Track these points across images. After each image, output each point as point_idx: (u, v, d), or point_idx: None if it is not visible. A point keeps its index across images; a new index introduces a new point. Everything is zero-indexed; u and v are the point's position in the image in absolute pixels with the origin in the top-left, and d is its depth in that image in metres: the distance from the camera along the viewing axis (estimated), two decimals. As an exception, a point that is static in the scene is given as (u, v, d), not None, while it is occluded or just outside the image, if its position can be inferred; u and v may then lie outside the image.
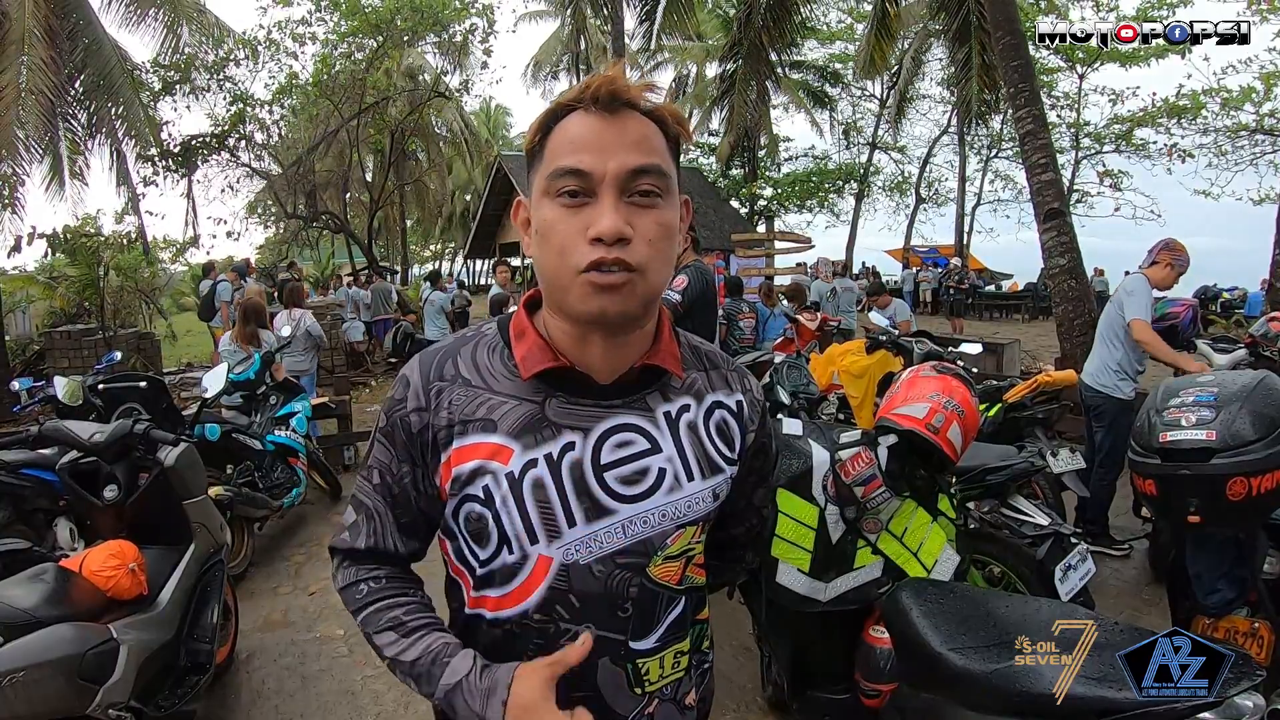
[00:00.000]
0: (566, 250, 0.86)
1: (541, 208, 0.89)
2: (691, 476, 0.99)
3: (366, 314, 13.53)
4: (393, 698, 3.10)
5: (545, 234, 0.88)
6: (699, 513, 1.00)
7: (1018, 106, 7.86)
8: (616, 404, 0.97)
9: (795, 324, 7.90)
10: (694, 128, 30.18)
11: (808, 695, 2.50)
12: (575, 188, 0.85)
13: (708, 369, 1.07)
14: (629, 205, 0.86)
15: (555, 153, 0.87)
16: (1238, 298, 18.49)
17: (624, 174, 0.85)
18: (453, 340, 1.03)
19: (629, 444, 0.96)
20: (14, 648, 1.94)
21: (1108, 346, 4.31)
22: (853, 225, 28.39)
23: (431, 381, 0.97)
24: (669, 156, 0.91)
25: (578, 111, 0.88)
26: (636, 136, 0.87)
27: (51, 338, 9.88)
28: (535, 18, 27.61)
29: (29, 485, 3.51)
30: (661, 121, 0.91)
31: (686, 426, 1.00)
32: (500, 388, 0.96)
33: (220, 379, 4.42)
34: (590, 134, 0.86)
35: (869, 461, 2.28)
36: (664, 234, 0.88)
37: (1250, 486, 2.04)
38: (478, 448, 0.94)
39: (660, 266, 0.89)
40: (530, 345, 0.97)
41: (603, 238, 0.83)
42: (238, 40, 13.66)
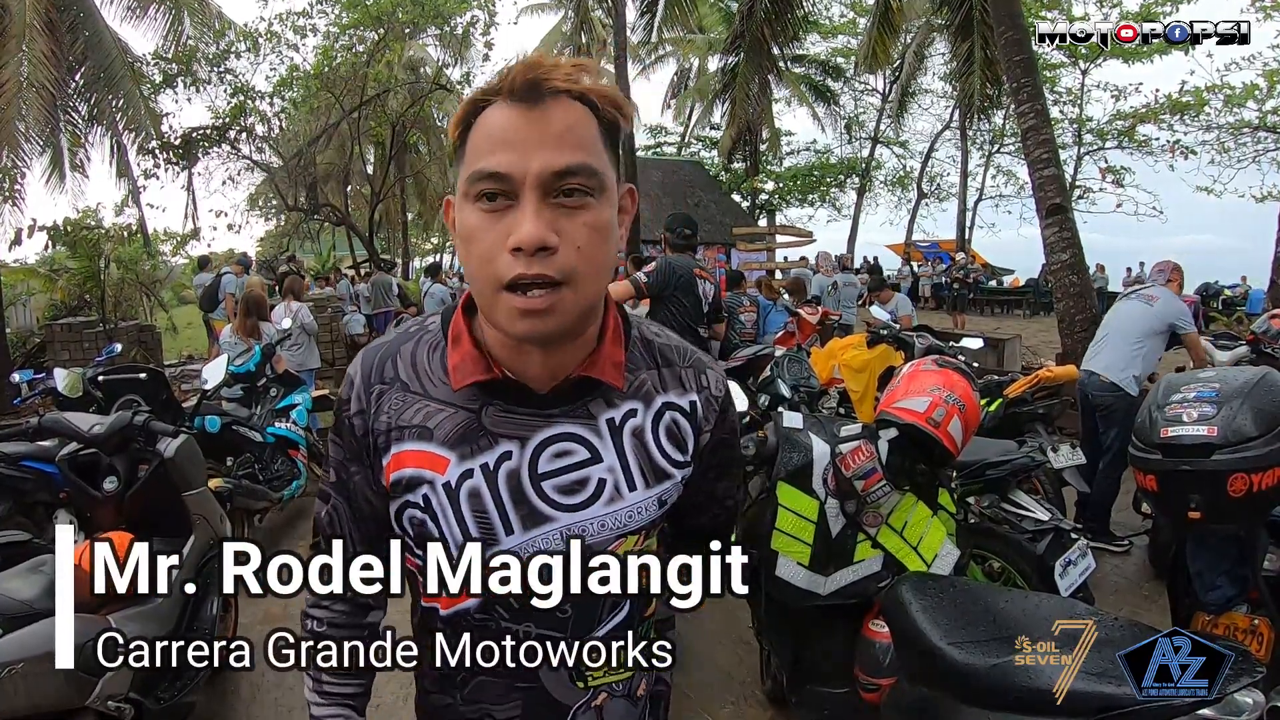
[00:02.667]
0: (487, 260, 0.80)
1: (463, 212, 0.83)
2: (634, 486, 0.95)
3: (367, 307, 13.52)
4: (390, 690, 3.10)
5: (467, 241, 0.82)
6: (641, 522, 0.97)
7: (1020, 101, 7.83)
8: (555, 413, 0.93)
9: (796, 318, 7.89)
10: (695, 121, 30.25)
11: (807, 689, 2.50)
12: (495, 190, 0.79)
13: (660, 367, 1.01)
14: (555, 207, 0.79)
15: (474, 152, 0.81)
16: (1239, 295, 18.48)
17: (547, 175, 0.78)
18: (397, 336, 1.00)
19: (568, 454, 0.93)
20: (13, 639, 1.95)
21: (1137, 347, 4.33)
22: (854, 220, 28.40)
23: (372, 384, 0.95)
24: (601, 147, 0.83)
25: (497, 104, 0.80)
26: (561, 130, 0.79)
27: (52, 330, 9.87)
28: (537, 10, 27.44)
29: (29, 477, 3.50)
30: (594, 106, 0.82)
31: (631, 434, 0.96)
32: (437, 394, 0.93)
33: (220, 371, 4.42)
34: (509, 130, 0.79)
35: (869, 455, 2.28)
36: (595, 238, 0.81)
37: (1251, 483, 2.04)
38: (415, 455, 0.92)
39: (592, 273, 0.82)
40: (463, 354, 0.92)
41: (523, 247, 0.77)
42: (239, 32, 13.63)
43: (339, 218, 17.73)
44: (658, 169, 23.24)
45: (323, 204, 17.46)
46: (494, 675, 0.97)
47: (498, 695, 0.98)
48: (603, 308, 0.95)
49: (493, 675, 0.97)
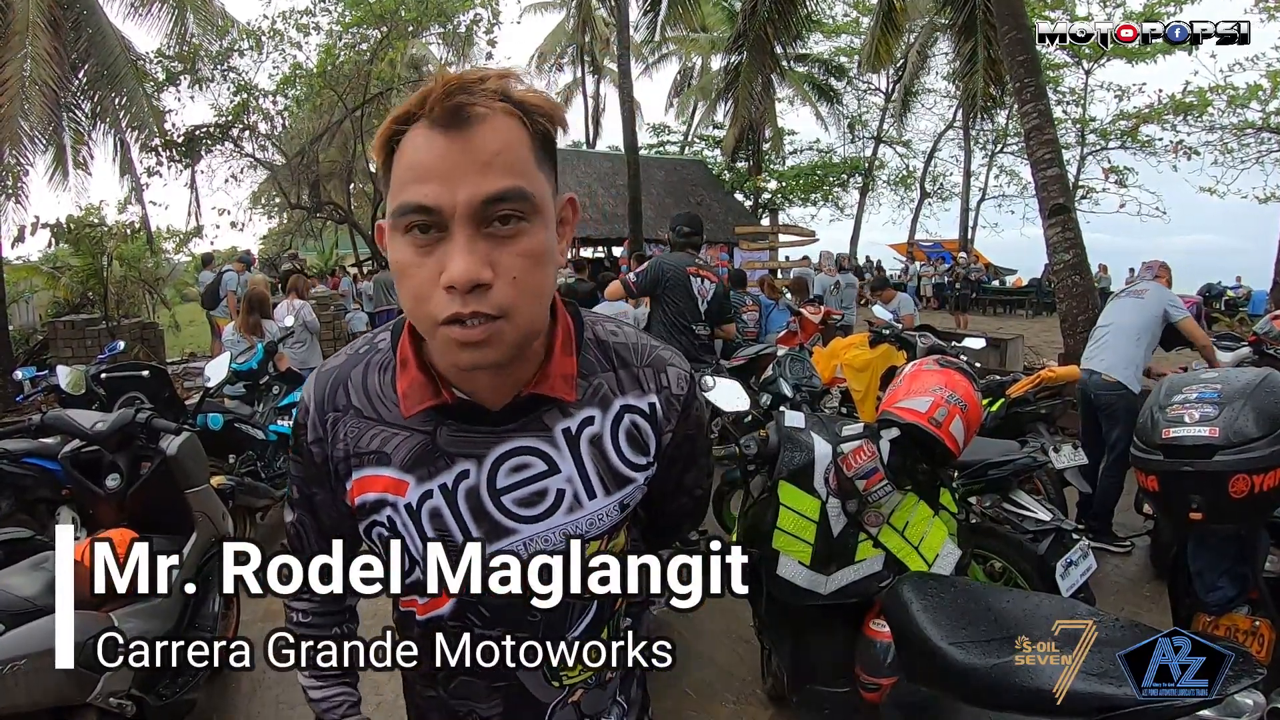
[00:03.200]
0: (421, 299, 0.77)
1: (394, 244, 0.78)
2: (593, 494, 0.95)
3: (370, 305, 13.53)
4: (392, 688, 3.10)
5: (400, 276, 0.78)
6: (603, 527, 0.97)
7: (1023, 101, 7.82)
8: (510, 428, 0.92)
9: (798, 317, 7.89)
10: (698, 120, 30.25)
11: (807, 688, 2.50)
12: (425, 223, 0.75)
13: (616, 369, 0.98)
14: (488, 238, 0.75)
15: (398, 182, 0.76)
16: (1242, 296, 18.44)
17: (476, 204, 0.73)
18: (346, 359, 0.98)
19: (525, 467, 0.93)
20: (15, 635, 1.95)
21: (1135, 344, 4.34)
22: (857, 219, 28.43)
23: (326, 411, 0.95)
24: (534, 164, 0.78)
25: (420, 126, 0.75)
26: (488, 154, 0.74)
27: (55, 327, 9.90)
28: (540, 9, 27.52)
29: (31, 474, 3.51)
30: (524, 117, 0.77)
31: (588, 442, 0.95)
32: (390, 417, 0.92)
33: (223, 369, 4.43)
34: (433, 158, 0.74)
35: (871, 455, 2.28)
36: (531, 265, 0.78)
37: (1252, 484, 2.04)
38: (374, 480, 0.93)
39: (531, 303, 0.79)
40: (411, 380, 0.90)
41: (455, 286, 0.73)
42: (242, 30, 13.64)
43: (342, 216, 17.73)
44: (661, 168, 23.25)
45: (325, 202, 17.46)
46: (473, 675, 0.99)
47: (479, 693, 1.00)
48: (550, 318, 0.91)
49: (472, 675, 0.99)
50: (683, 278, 4.45)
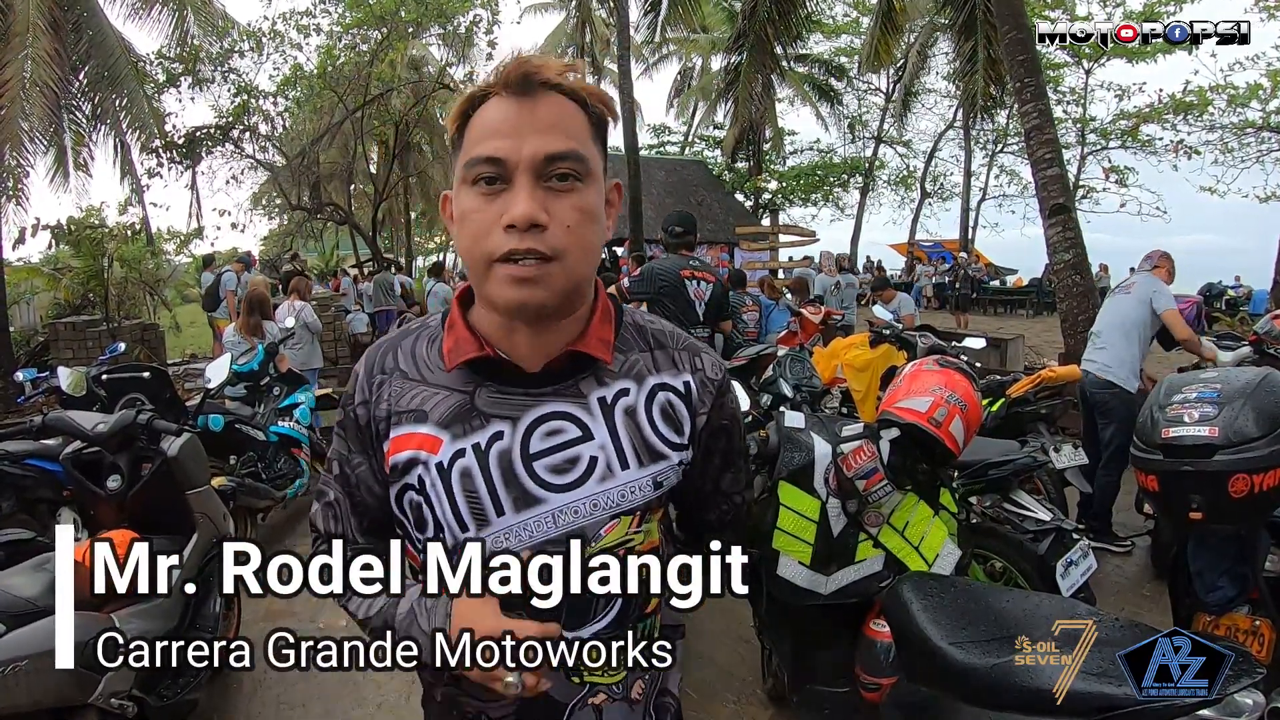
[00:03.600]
0: (481, 237, 0.86)
1: (460, 196, 0.89)
2: (626, 464, 0.97)
3: (370, 305, 13.54)
4: (394, 687, 3.11)
5: (463, 222, 0.88)
6: (635, 502, 0.97)
7: (1023, 101, 7.82)
8: (547, 392, 0.96)
9: (799, 317, 7.89)
10: (699, 121, 30.24)
11: (807, 688, 2.50)
12: (491, 174, 0.85)
13: (653, 349, 1.03)
14: (546, 190, 0.85)
15: (472, 140, 0.88)
16: (1242, 295, 18.43)
17: (539, 159, 0.84)
18: (398, 334, 1.05)
19: (559, 432, 0.95)
20: (16, 636, 1.95)
21: (1128, 341, 4.33)
22: (857, 219, 28.41)
23: (374, 374, 1.00)
24: (590, 139, 0.90)
25: (493, 98, 0.88)
26: (552, 120, 0.86)
27: (56, 329, 9.90)
28: (540, 10, 27.48)
29: (32, 475, 3.52)
30: (583, 102, 0.89)
31: (623, 412, 0.98)
32: (433, 379, 0.98)
33: (224, 370, 4.43)
34: (504, 120, 0.86)
35: (871, 455, 2.28)
36: (583, 218, 0.88)
37: (1252, 484, 2.03)
38: (410, 438, 0.96)
39: (580, 252, 0.88)
40: (457, 337, 0.97)
41: (516, 224, 0.83)
42: (242, 31, 13.65)
43: (342, 217, 17.73)
44: (661, 168, 23.26)
45: (326, 203, 17.48)
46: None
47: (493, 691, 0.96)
48: (592, 291, 0.99)
49: None
50: (677, 282, 4.36)
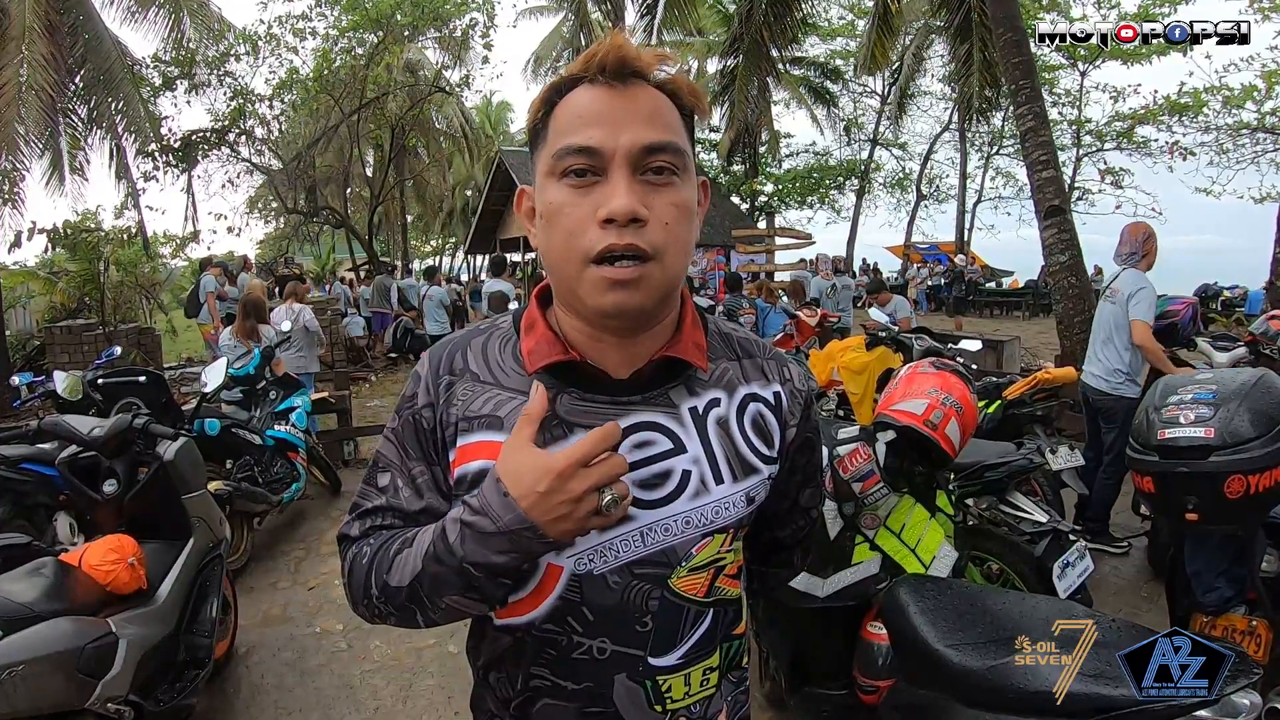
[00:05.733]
0: (575, 234, 0.78)
1: (547, 190, 0.81)
2: (721, 479, 0.88)
3: (366, 309, 13.54)
4: (390, 692, 3.11)
5: (551, 217, 0.80)
6: (729, 519, 0.89)
7: (1019, 103, 7.83)
8: (635, 400, 0.87)
9: (795, 320, 7.90)
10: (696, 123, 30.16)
11: (805, 691, 2.51)
12: (584, 166, 0.78)
13: (741, 358, 0.96)
14: (643, 184, 0.78)
15: (560, 130, 0.80)
16: (1238, 296, 18.46)
17: (637, 150, 0.77)
18: (466, 332, 0.96)
19: (649, 444, 0.86)
20: (13, 641, 1.95)
21: (1113, 348, 4.31)
22: (853, 222, 28.41)
23: (441, 375, 0.91)
24: (684, 132, 0.83)
25: (583, 84, 0.80)
26: (649, 110, 0.79)
27: (52, 333, 9.87)
28: (536, 13, 27.48)
29: (29, 480, 3.51)
30: (675, 95, 0.83)
31: (716, 423, 0.90)
32: (509, 383, 0.88)
33: (220, 374, 4.42)
34: (599, 107, 0.78)
35: (867, 457, 2.28)
36: (681, 215, 0.81)
37: (1248, 484, 2.04)
38: (482, 446, 0.86)
39: (678, 251, 0.81)
40: (539, 338, 0.88)
41: (615, 218, 0.76)
42: (238, 35, 13.66)
43: (338, 220, 17.75)
44: (657, 170, 23.19)
45: (322, 206, 17.50)
46: (561, 699, 0.90)
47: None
48: (679, 297, 0.92)
49: (560, 699, 0.90)
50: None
